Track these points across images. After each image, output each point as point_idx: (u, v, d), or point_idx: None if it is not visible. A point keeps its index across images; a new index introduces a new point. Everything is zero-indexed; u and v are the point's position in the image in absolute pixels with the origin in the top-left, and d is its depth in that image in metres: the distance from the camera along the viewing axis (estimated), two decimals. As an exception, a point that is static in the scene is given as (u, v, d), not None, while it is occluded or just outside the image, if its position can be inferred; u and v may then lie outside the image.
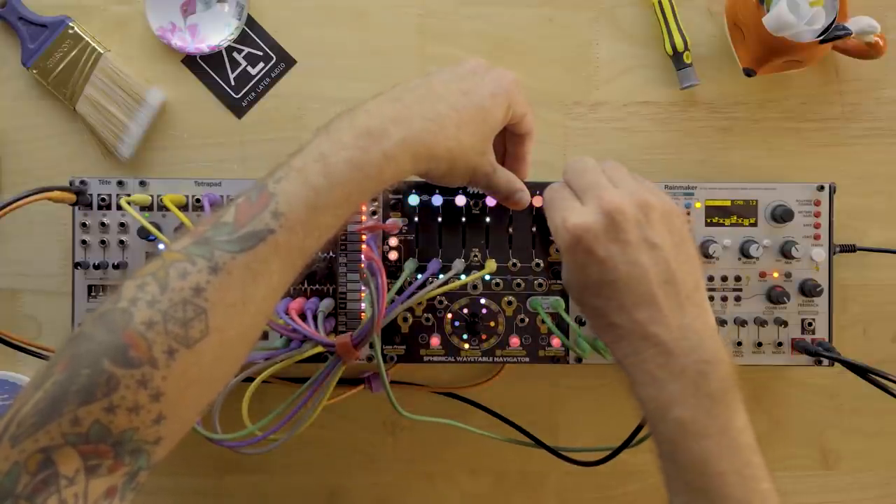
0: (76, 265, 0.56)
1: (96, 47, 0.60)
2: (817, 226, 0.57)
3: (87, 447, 0.32)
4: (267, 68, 0.62)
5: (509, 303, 0.56)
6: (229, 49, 0.62)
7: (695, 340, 0.40)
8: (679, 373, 0.40)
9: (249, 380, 0.53)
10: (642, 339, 0.41)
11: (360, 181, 0.39)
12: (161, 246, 0.55)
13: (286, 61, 0.62)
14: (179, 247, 0.36)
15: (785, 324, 0.57)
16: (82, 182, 0.56)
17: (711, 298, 0.57)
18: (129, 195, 0.55)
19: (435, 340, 0.56)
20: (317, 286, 0.56)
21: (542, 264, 0.56)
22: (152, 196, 0.56)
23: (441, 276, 0.55)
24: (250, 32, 0.62)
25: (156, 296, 0.34)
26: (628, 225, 0.42)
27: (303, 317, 0.53)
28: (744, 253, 0.57)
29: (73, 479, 0.32)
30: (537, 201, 0.55)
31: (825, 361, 0.56)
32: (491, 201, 0.56)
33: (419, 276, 0.55)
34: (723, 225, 0.57)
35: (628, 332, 0.41)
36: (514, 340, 0.56)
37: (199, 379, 0.35)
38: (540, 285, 0.56)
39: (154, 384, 0.33)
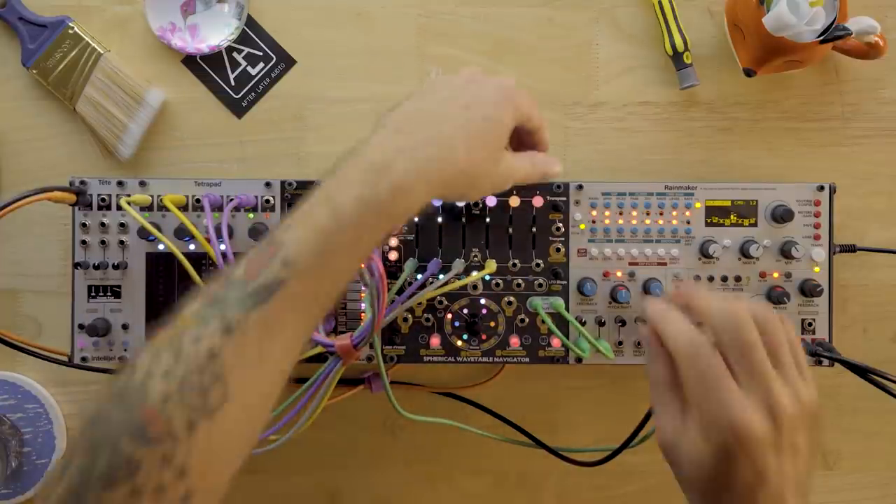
0: (76, 265, 0.56)
1: (96, 47, 0.60)
2: (817, 226, 0.57)
3: None
4: (267, 68, 0.62)
5: (509, 303, 0.56)
6: (229, 49, 0.62)
7: None
8: None
9: (249, 380, 0.53)
10: None
11: (370, 218, 0.37)
12: (161, 246, 0.55)
13: (286, 61, 0.62)
14: (192, 310, 0.35)
15: (785, 324, 0.57)
16: (82, 182, 0.56)
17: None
18: (129, 195, 0.55)
19: (435, 340, 0.56)
20: (317, 286, 0.56)
21: (542, 264, 0.56)
22: (152, 196, 0.56)
23: (441, 276, 0.55)
24: (250, 32, 0.62)
25: (170, 366, 0.33)
26: (787, 433, 0.37)
27: (303, 317, 0.53)
28: (744, 253, 0.57)
29: None
30: (537, 202, 0.55)
31: (825, 361, 0.56)
32: (491, 201, 0.56)
33: (419, 276, 0.55)
34: (723, 225, 0.57)
35: None
36: (514, 340, 0.56)
37: (222, 448, 0.34)
38: (540, 285, 0.56)
39: (177, 461, 0.32)
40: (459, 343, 0.56)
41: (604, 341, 0.56)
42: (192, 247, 0.56)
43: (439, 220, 0.56)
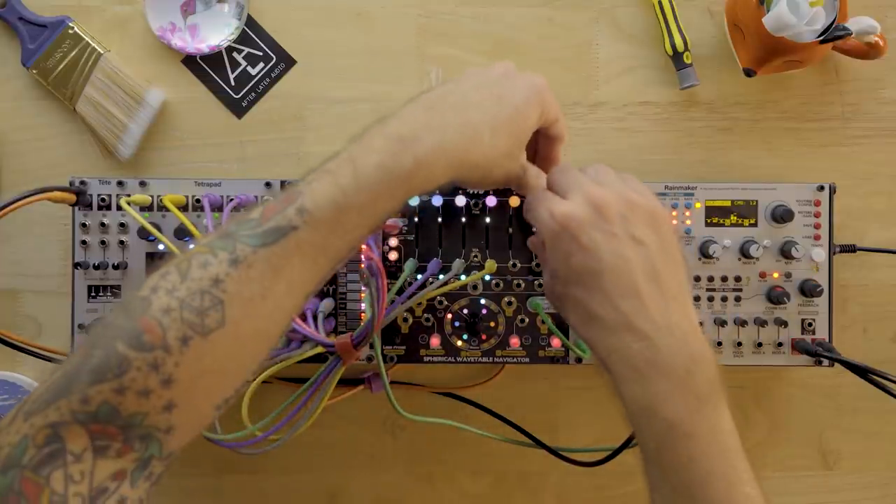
0: (76, 265, 0.56)
1: (96, 47, 0.60)
2: (817, 226, 0.57)
3: (95, 426, 0.33)
4: (267, 68, 0.62)
5: (509, 303, 0.56)
6: (229, 49, 0.62)
7: (681, 338, 0.40)
8: (666, 370, 0.39)
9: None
10: (628, 332, 0.40)
11: (388, 184, 0.38)
12: (161, 246, 0.55)
13: (286, 61, 0.62)
14: (206, 241, 0.37)
15: (785, 324, 0.57)
16: (82, 182, 0.56)
17: (711, 299, 0.57)
18: (129, 195, 0.55)
19: (435, 341, 0.56)
20: (317, 286, 0.56)
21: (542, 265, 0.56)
22: (152, 196, 0.56)
23: (441, 276, 0.55)
24: (250, 32, 0.62)
25: (175, 284, 0.35)
26: (613, 217, 0.41)
27: (303, 317, 0.53)
28: (744, 253, 0.57)
29: (80, 457, 0.33)
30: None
31: (825, 361, 0.56)
32: (491, 201, 0.56)
33: (419, 276, 0.55)
34: (723, 225, 0.57)
35: (613, 323, 0.40)
36: (514, 341, 0.56)
37: (212, 369, 0.36)
38: (540, 285, 0.56)
39: (165, 369, 0.34)
40: (459, 343, 0.57)
41: (604, 341, 0.56)
42: (191, 247, 0.55)
43: (439, 220, 0.56)
